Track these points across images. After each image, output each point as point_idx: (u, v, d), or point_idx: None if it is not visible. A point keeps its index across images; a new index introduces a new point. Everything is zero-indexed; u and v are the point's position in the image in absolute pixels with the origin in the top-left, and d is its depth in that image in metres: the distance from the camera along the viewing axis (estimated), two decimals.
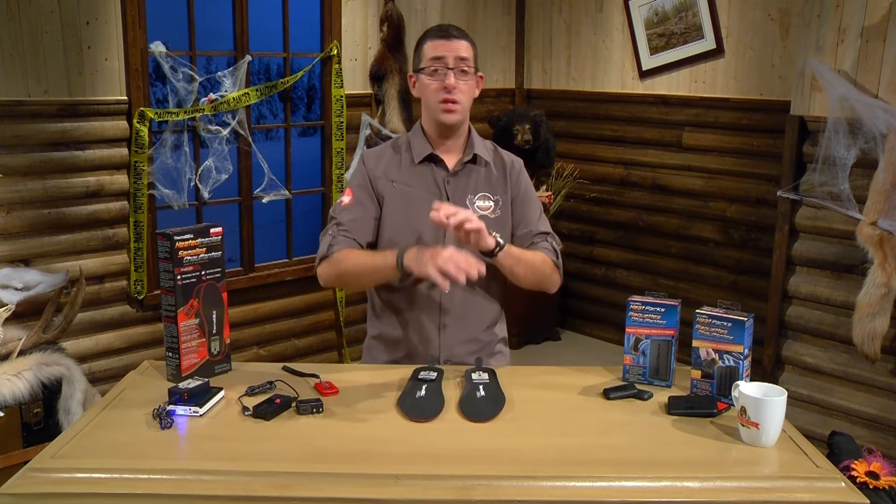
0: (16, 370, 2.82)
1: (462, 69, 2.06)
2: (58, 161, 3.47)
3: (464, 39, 2.09)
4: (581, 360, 4.81)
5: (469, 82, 2.09)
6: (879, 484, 2.25)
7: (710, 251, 4.64)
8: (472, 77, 2.10)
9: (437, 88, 2.06)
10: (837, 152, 3.30)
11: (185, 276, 1.88)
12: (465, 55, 2.07)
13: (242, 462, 1.52)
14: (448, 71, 2.05)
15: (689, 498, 1.46)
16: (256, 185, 4.24)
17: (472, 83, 2.11)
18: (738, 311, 1.83)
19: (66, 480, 1.47)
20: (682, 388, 1.91)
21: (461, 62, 2.06)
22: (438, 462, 1.53)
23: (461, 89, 2.06)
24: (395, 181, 2.13)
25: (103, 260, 3.67)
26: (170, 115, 3.74)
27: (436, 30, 2.12)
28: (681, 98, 4.65)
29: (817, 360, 3.59)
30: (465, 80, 2.07)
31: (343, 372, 2.04)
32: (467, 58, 2.07)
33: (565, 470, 1.51)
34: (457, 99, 2.06)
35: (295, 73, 4.26)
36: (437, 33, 2.10)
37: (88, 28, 3.47)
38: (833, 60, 3.41)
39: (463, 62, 2.06)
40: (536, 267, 2.10)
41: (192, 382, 1.77)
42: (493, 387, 1.84)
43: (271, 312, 4.35)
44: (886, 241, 3.14)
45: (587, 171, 5.10)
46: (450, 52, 2.05)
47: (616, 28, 4.90)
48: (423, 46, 2.11)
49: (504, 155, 2.22)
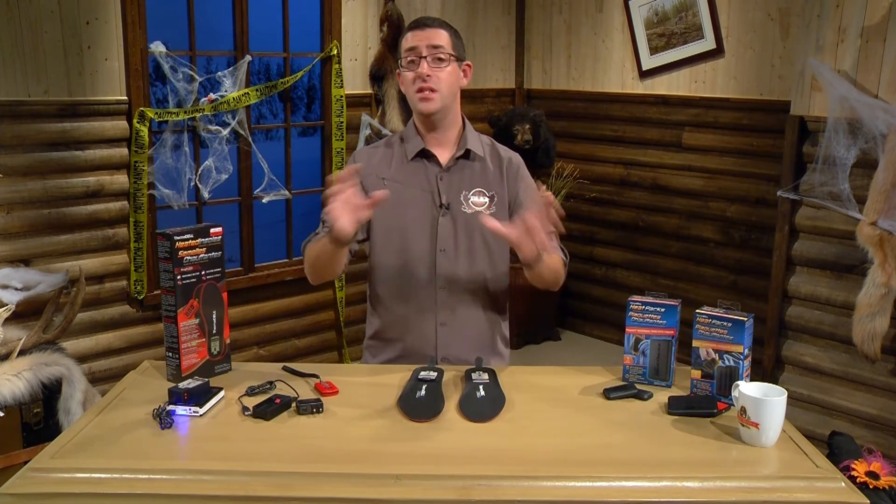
0: (16, 370, 2.82)
1: (437, 56, 2.03)
2: (58, 161, 3.47)
3: (439, 28, 2.07)
4: (581, 360, 4.81)
5: (446, 69, 2.05)
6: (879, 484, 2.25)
7: (710, 251, 4.64)
8: (449, 64, 2.05)
9: (412, 78, 2.05)
10: (837, 152, 3.30)
11: (185, 276, 1.88)
12: (438, 43, 2.04)
13: (242, 462, 1.52)
14: (422, 59, 2.03)
15: (689, 498, 1.46)
16: (256, 185, 4.24)
17: (451, 70, 2.06)
18: (738, 311, 1.83)
19: (66, 480, 1.47)
20: (682, 388, 1.91)
21: (435, 50, 2.03)
22: (438, 462, 1.53)
23: (437, 77, 2.03)
24: (387, 178, 2.12)
25: (103, 260, 3.67)
26: (170, 115, 3.74)
27: (412, 23, 2.12)
28: (681, 98, 4.65)
29: (817, 360, 3.59)
30: (440, 67, 2.04)
31: (343, 372, 2.04)
32: (442, 45, 2.04)
33: (565, 470, 1.51)
34: (433, 87, 2.03)
35: (295, 73, 4.26)
36: (412, 26, 2.09)
37: (88, 28, 3.47)
38: (833, 60, 3.41)
39: (437, 50, 2.03)
40: (556, 270, 2.08)
41: (192, 382, 1.77)
42: (493, 387, 1.84)
43: (271, 312, 4.35)
44: (886, 241, 3.14)
45: (587, 171, 5.10)
46: (422, 42, 2.03)
47: (616, 28, 4.90)
48: (401, 41, 2.10)
49: (501, 150, 2.20)
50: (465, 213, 2.11)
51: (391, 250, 2.12)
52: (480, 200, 2.12)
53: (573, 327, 5.43)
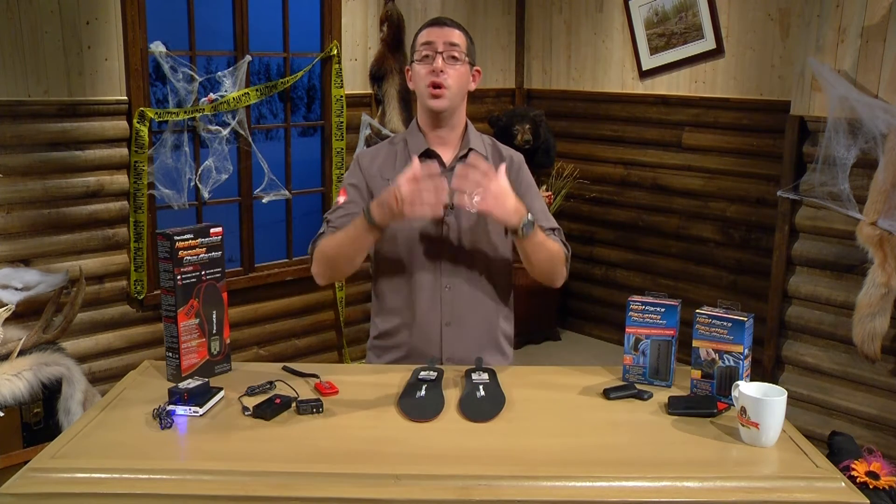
0: (16, 370, 2.82)
1: (452, 55, 2.04)
2: (58, 161, 3.47)
3: (457, 28, 2.09)
4: (581, 360, 4.81)
5: (459, 69, 2.06)
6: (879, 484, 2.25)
7: (710, 251, 4.64)
8: (463, 64, 2.06)
9: (426, 73, 2.05)
10: (837, 152, 3.30)
11: (185, 276, 1.88)
12: (455, 41, 2.05)
13: (242, 462, 1.52)
14: (437, 55, 2.04)
15: (689, 498, 1.46)
16: (256, 185, 4.24)
17: (464, 70, 2.07)
18: (738, 311, 1.83)
19: (66, 480, 1.47)
20: (682, 388, 1.91)
21: (451, 48, 2.04)
22: (438, 462, 1.53)
23: (450, 74, 2.04)
24: (391, 179, 2.12)
25: (103, 260, 3.67)
26: (170, 115, 3.74)
27: (430, 21, 2.13)
28: (681, 98, 4.65)
29: (817, 360, 3.59)
30: (454, 66, 2.05)
31: (343, 372, 2.04)
32: (458, 44, 2.06)
33: (565, 470, 1.51)
34: (445, 84, 2.04)
35: (295, 73, 4.26)
36: (430, 23, 2.11)
37: (88, 28, 3.47)
38: (833, 60, 3.41)
39: (453, 48, 2.04)
40: (553, 256, 2.06)
41: (192, 382, 1.77)
42: (493, 387, 1.84)
43: (271, 312, 4.35)
44: (886, 241, 3.14)
45: (587, 171, 5.10)
46: (439, 38, 2.04)
47: (616, 28, 4.90)
48: (416, 37, 2.11)
49: (503, 150, 2.21)
50: (469, 213, 2.11)
51: (396, 250, 2.12)
52: None
53: (573, 327, 5.43)
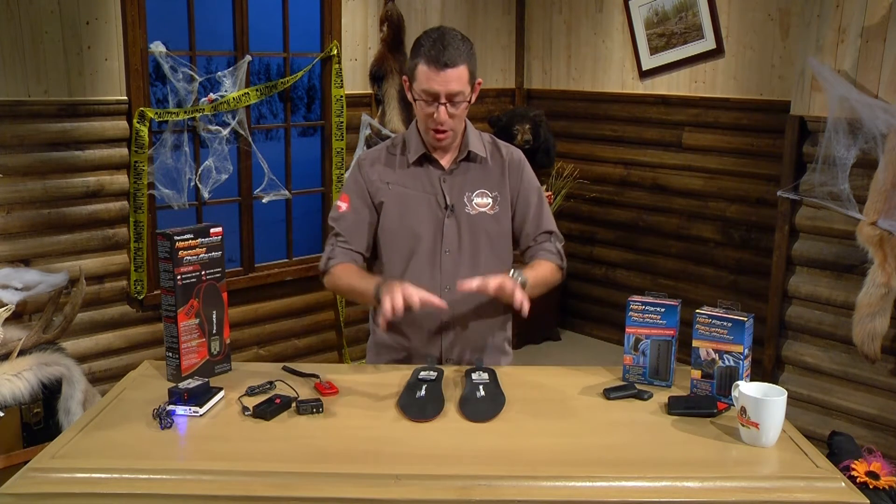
0: (16, 370, 2.82)
1: (454, 100, 2.01)
2: (58, 161, 3.47)
3: (458, 66, 1.97)
4: (581, 360, 4.81)
5: (461, 108, 2.03)
6: (879, 484, 2.25)
7: (710, 251, 4.64)
8: (464, 101, 2.03)
9: (427, 116, 2.03)
10: (837, 152, 3.30)
11: (185, 276, 1.88)
12: (457, 89, 1.99)
13: (242, 462, 1.52)
14: (440, 106, 2.00)
15: (689, 498, 1.46)
16: (256, 185, 4.24)
17: (465, 106, 2.04)
18: (738, 311, 1.83)
19: (66, 480, 1.47)
20: (682, 388, 1.91)
21: (453, 96, 2.00)
22: (438, 462, 1.53)
23: (452, 117, 2.03)
24: (391, 182, 2.13)
25: (103, 260, 3.67)
26: (170, 115, 3.74)
27: (429, 51, 1.98)
28: (681, 98, 4.65)
29: (817, 360, 3.59)
30: (457, 108, 2.02)
31: (343, 372, 2.04)
32: (460, 91, 2.00)
33: (565, 470, 1.51)
34: (447, 129, 2.04)
35: (295, 73, 4.26)
36: (430, 59, 1.97)
37: (88, 28, 3.47)
38: (833, 60, 3.41)
39: (455, 95, 2.00)
40: (549, 282, 2.16)
41: (192, 382, 1.77)
42: (493, 387, 1.84)
43: (271, 312, 4.34)
44: (886, 241, 3.14)
45: (587, 171, 5.10)
46: (442, 87, 1.98)
47: (616, 28, 4.90)
48: (417, 69, 2.01)
49: (503, 148, 2.20)
50: (468, 215, 2.11)
51: (397, 252, 2.13)
52: (484, 201, 2.13)
53: (573, 327, 5.43)
